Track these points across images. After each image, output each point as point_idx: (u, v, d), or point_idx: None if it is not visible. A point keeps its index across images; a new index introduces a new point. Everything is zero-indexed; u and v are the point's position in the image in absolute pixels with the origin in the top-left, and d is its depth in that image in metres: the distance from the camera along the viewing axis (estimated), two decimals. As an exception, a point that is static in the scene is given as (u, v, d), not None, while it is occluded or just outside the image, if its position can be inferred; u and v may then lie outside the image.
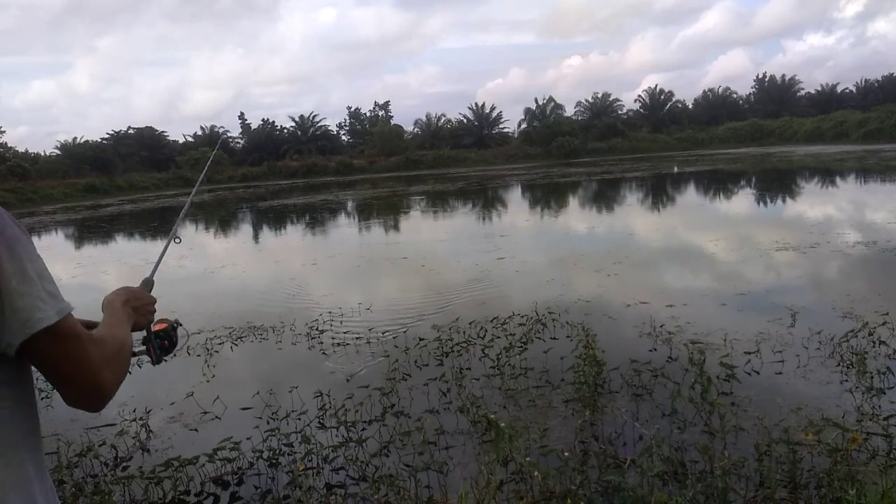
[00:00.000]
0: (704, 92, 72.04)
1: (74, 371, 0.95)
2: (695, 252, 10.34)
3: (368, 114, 69.09)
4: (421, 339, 5.89)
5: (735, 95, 71.00)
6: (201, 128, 66.26)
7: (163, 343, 1.38)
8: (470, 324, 6.33)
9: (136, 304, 1.27)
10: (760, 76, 71.85)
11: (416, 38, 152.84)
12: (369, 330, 6.38)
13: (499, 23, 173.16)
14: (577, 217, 16.35)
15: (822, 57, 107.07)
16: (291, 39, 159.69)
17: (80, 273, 11.92)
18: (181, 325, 1.45)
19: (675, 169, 33.33)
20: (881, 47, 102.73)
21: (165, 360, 1.39)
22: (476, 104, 67.79)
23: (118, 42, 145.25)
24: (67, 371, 0.95)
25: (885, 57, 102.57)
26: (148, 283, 1.44)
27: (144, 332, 1.33)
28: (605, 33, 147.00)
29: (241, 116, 67.11)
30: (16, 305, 0.88)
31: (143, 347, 1.35)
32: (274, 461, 3.71)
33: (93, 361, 0.96)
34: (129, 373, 4.27)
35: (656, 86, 69.78)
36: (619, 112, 66.67)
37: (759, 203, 17.13)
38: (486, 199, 24.48)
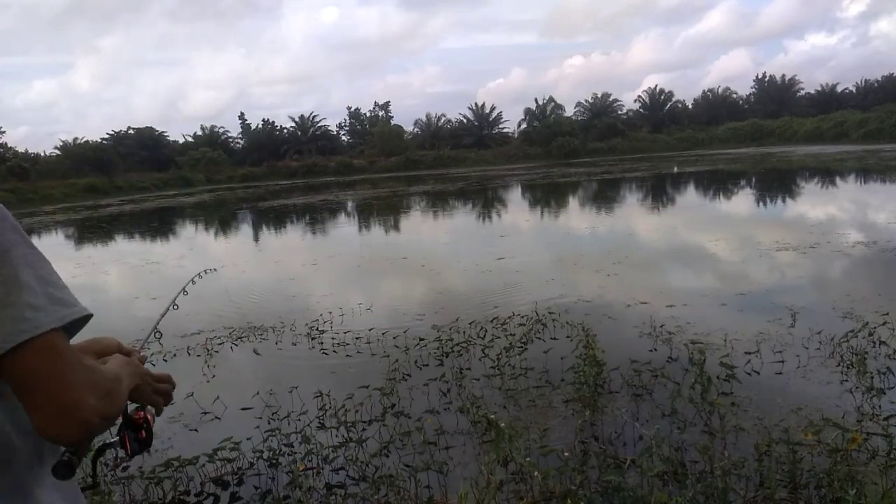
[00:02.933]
0: (704, 92, 72.26)
1: (54, 387, 0.81)
2: (695, 252, 10.34)
3: (368, 114, 69.14)
4: (421, 339, 5.89)
5: (735, 95, 71.15)
6: (201, 127, 66.28)
7: (140, 434, 1.13)
8: (470, 324, 6.34)
9: (139, 370, 1.08)
10: (760, 76, 71.97)
11: (418, 38, 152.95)
12: (369, 330, 6.38)
13: (501, 22, 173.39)
14: (576, 217, 16.35)
15: (823, 57, 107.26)
16: (293, 39, 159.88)
17: (80, 273, 11.91)
18: (153, 416, 1.19)
19: (675, 169, 33.32)
20: (883, 47, 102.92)
21: (139, 454, 1.14)
22: (476, 104, 67.95)
23: (119, 42, 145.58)
24: (47, 387, 0.81)
25: (887, 57, 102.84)
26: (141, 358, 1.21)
27: (119, 421, 1.08)
28: (607, 33, 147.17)
29: (241, 116, 67.18)
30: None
31: (116, 438, 1.12)
32: (274, 461, 3.71)
33: (78, 381, 0.83)
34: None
35: (656, 86, 70.00)
36: (619, 112, 66.75)
37: (758, 203, 17.13)
38: (486, 199, 24.48)
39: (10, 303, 0.79)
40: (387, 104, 68.97)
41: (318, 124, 66.77)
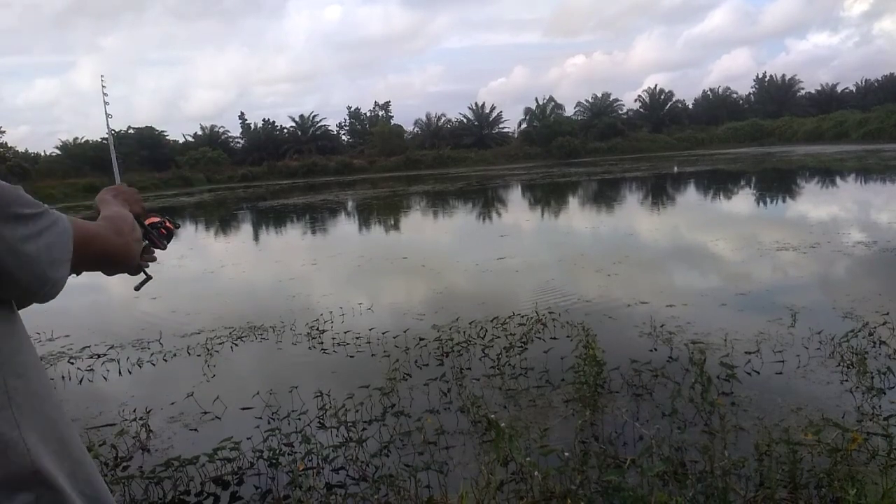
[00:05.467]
0: (704, 92, 72.15)
1: (108, 256, 1.12)
2: (695, 252, 10.34)
3: (368, 113, 69.12)
4: (421, 339, 5.89)
5: (735, 95, 71.05)
6: (201, 127, 66.21)
7: (160, 231, 1.48)
8: (470, 324, 6.34)
9: (125, 196, 1.37)
10: (760, 76, 71.94)
11: (421, 37, 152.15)
12: (370, 330, 6.39)
13: (505, 22, 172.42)
14: (577, 217, 16.35)
15: (826, 56, 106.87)
16: (296, 38, 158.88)
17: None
18: (170, 220, 1.53)
19: (675, 169, 33.32)
20: (886, 46, 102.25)
21: (168, 242, 1.50)
22: (476, 104, 67.85)
23: (122, 41, 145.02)
24: (104, 259, 1.12)
25: (889, 56, 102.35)
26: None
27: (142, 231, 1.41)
28: (610, 32, 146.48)
29: (242, 116, 67.11)
30: (26, 251, 0.89)
31: (146, 242, 1.43)
32: (274, 461, 3.71)
33: (116, 242, 1.13)
34: (129, 372, 4.25)
35: (656, 86, 69.89)
36: (620, 112, 66.70)
37: (759, 203, 17.13)
38: (486, 199, 24.48)
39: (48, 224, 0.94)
40: (387, 104, 68.99)
41: (319, 124, 66.76)
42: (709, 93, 71.53)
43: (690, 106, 70.78)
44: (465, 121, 66.73)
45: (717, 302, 6.82)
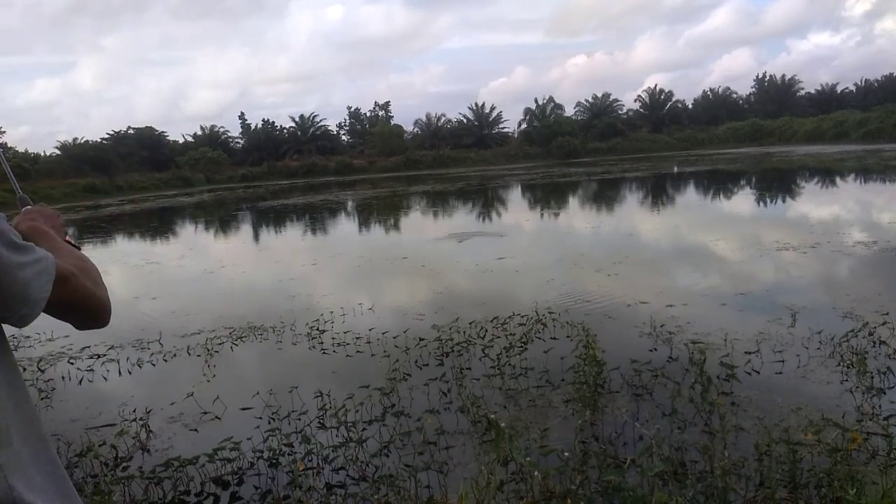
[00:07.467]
0: (704, 92, 72.04)
1: (82, 304, 1.01)
2: (695, 252, 10.34)
3: (368, 114, 69.09)
4: (421, 339, 5.90)
5: (735, 95, 70.99)
6: (201, 128, 66.13)
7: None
8: (470, 324, 6.34)
9: (51, 222, 1.23)
10: (760, 76, 71.91)
11: (422, 37, 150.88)
12: (370, 330, 6.39)
13: (506, 22, 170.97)
14: (576, 217, 16.35)
15: (826, 56, 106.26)
16: (298, 37, 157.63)
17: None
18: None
19: (675, 169, 33.33)
20: (887, 46, 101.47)
21: None
22: (476, 104, 67.76)
23: (123, 41, 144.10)
24: (77, 305, 1.00)
25: (890, 56, 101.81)
26: (25, 201, 1.36)
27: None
28: (612, 31, 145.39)
29: (242, 116, 67.04)
30: (20, 277, 0.89)
31: None
32: (274, 461, 3.71)
33: (94, 291, 1.02)
34: (129, 372, 4.24)
35: (656, 86, 69.78)
36: (619, 112, 66.66)
37: (759, 203, 17.13)
38: (486, 199, 24.48)
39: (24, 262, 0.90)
40: (387, 104, 68.92)
41: (319, 124, 66.72)
42: (709, 93, 71.52)
43: (690, 106, 70.73)
44: (465, 121, 66.68)
45: (717, 302, 6.82)
